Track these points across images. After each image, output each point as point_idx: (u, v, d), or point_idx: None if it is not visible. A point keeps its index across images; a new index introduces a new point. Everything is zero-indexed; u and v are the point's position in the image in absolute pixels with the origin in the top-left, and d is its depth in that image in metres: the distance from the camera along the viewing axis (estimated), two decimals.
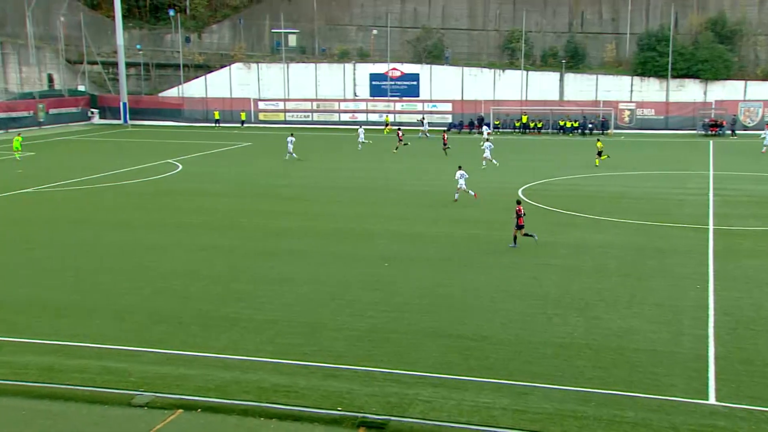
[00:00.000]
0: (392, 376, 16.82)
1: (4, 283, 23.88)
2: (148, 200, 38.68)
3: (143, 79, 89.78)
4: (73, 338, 19.05)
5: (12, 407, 15.39)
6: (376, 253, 27.59)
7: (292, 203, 37.70)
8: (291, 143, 53.48)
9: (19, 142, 53.85)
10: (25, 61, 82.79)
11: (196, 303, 21.94)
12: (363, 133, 62.04)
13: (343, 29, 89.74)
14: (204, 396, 15.82)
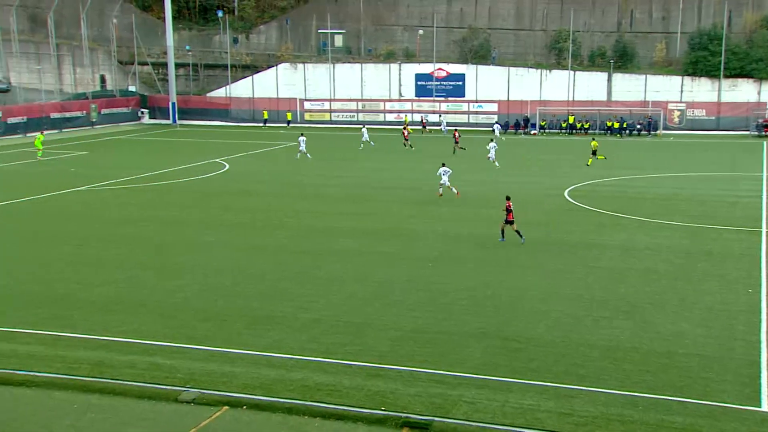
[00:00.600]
0: (436, 377, 16.78)
1: (59, 279, 24.41)
2: (196, 199, 39.19)
3: (192, 79, 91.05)
4: (122, 334, 19.40)
5: (65, 400, 15.73)
6: (421, 254, 27.56)
7: (339, 203, 37.86)
8: (303, 143, 54.09)
9: (40, 141, 55.06)
10: (79, 63, 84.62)
11: (242, 301, 22.17)
12: (366, 133, 62.23)
13: (390, 29, 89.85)
14: (249, 393, 15.96)
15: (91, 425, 14.45)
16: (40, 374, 16.87)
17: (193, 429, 14.53)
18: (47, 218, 34.25)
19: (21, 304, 21.88)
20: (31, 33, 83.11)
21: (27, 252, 28.05)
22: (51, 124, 74.13)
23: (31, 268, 25.83)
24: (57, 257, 27.23)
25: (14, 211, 35.81)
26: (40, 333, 19.46)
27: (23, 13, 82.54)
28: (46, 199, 38.98)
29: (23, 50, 79.44)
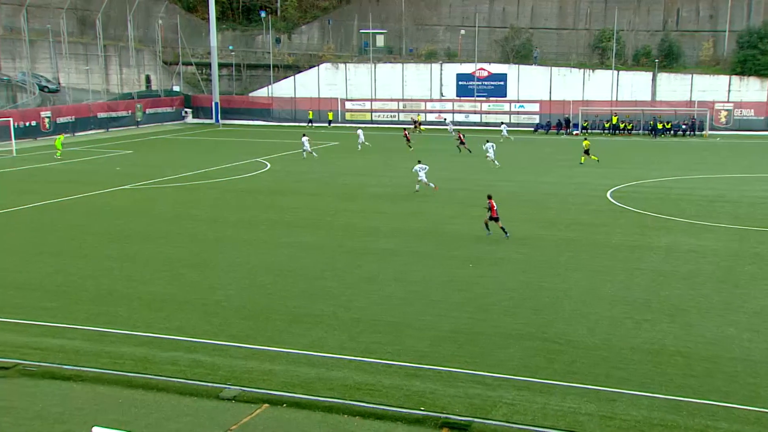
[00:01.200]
0: (476, 378, 16.72)
1: (105, 276, 24.85)
2: (238, 197, 39.57)
3: (234, 79, 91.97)
4: (165, 331, 19.67)
5: (110, 395, 16.01)
6: (462, 254, 27.48)
7: (380, 202, 37.93)
8: (307, 142, 54.54)
9: (60, 142, 56.38)
10: (126, 63, 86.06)
11: (283, 299, 22.33)
12: (362, 135, 62.20)
13: (431, 29, 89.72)
14: (289, 392, 16.07)
15: (135, 420, 14.68)
16: (87, 369, 17.20)
17: (234, 426, 14.68)
18: (94, 215, 34.88)
19: (70, 300, 22.32)
20: (80, 35, 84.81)
21: (75, 248, 28.60)
22: (98, 123, 75.50)
23: (80, 264, 26.33)
24: (103, 254, 27.72)
25: (63, 208, 36.54)
26: (87, 329, 19.83)
27: (73, 16, 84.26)
28: (94, 197, 39.69)
29: (72, 51, 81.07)
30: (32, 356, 17.93)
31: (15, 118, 63.22)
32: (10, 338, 19.14)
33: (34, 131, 66.01)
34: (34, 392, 16.11)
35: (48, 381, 16.68)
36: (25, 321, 20.36)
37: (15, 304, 21.79)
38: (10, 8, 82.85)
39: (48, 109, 71.15)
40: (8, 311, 21.10)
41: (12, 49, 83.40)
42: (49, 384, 16.54)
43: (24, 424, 14.70)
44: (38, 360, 17.71)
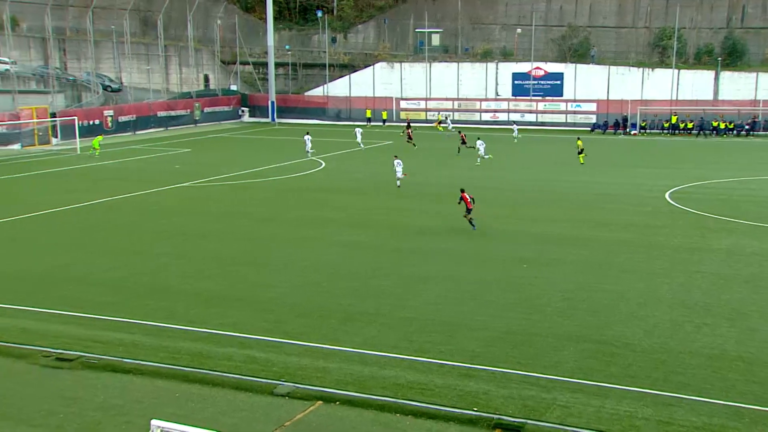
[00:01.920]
0: (529, 379, 16.59)
1: (163, 272, 25.36)
2: (293, 196, 39.94)
3: (290, 78, 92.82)
4: (221, 327, 19.97)
5: (167, 389, 16.34)
6: (515, 254, 27.27)
7: (432, 202, 37.86)
8: (309, 141, 55.24)
9: (98, 142, 58.08)
10: (185, 63, 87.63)
11: (336, 298, 22.47)
12: (360, 134, 62.23)
13: (487, 28, 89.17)
14: (342, 389, 16.17)
15: (192, 414, 14.95)
16: (146, 363, 17.58)
17: (287, 422, 14.83)
18: (152, 212, 35.60)
19: (129, 295, 22.83)
20: (142, 35, 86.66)
21: (134, 245, 29.23)
22: (157, 122, 77.01)
23: (138, 260, 26.91)
24: (161, 251, 28.27)
25: (123, 206, 37.38)
26: (145, 323, 20.26)
27: (135, 16, 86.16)
28: (152, 194, 40.52)
29: (134, 51, 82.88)
30: (94, 349, 18.41)
31: (79, 116, 64.92)
32: (74, 331, 19.68)
33: (97, 130, 67.62)
34: (95, 384, 16.53)
35: (109, 373, 17.10)
36: (88, 315, 20.90)
37: (78, 298, 22.39)
38: (77, 10, 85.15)
39: (110, 108, 72.85)
40: (72, 305, 21.68)
41: (77, 50, 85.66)
42: (110, 376, 16.96)
43: (87, 414, 15.11)
44: (100, 353, 18.17)
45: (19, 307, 21.58)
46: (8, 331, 19.62)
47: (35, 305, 21.68)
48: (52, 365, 17.56)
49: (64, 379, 16.85)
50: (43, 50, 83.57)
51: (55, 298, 22.39)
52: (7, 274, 25.14)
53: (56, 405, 15.50)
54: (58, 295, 22.71)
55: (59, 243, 29.61)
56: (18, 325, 20.16)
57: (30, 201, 38.10)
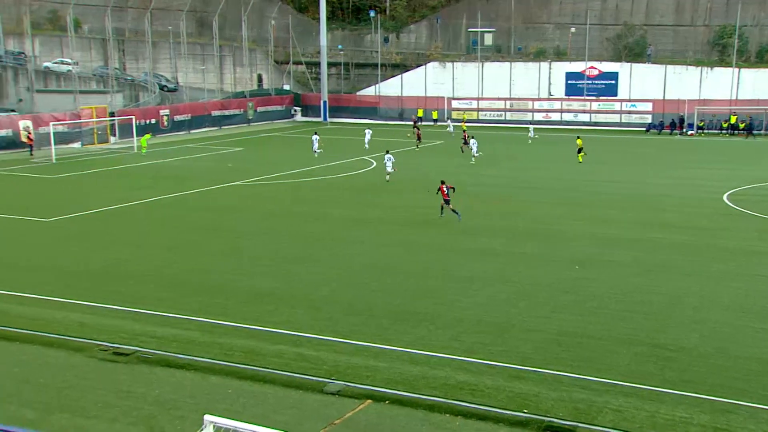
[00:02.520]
0: (581, 382, 16.37)
1: (216, 269, 25.69)
2: (343, 195, 40.12)
3: (343, 78, 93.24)
4: (272, 325, 20.15)
5: (220, 385, 16.55)
6: (568, 255, 26.95)
7: (486, 202, 37.64)
8: (316, 141, 55.20)
9: (146, 140, 59.58)
10: (239, 63, 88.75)
11: (387, 297, 22.49)
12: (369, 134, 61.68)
13: (541, 27, 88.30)
14: (392, 388, 16.18)
15: (244, 410, 15.11)
16: (199, 359, 17.84)
17: (337, 420, 14.90)
18: (205, 210, 36.11)
19: (183, 291, 23.20)
20: (197, 35, 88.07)
21: (187, 242, 29.70)
22: (211, 121, 78.11)
23: (192, 257, 27.32)
24: (214, 248, 28.65)
25: (177, 203, 38.02)
26: (199, 320, 20.56)
27: (191, 17, 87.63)
28: (205, 192, 41.10)
29: (190, 52, 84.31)
30: (149, 344, 18.75)
31: (137, 116, 66.21)
32: (130, 326, 20.07)
33: (153, 129, 68.89)
34: (150, 379, 16.84)
35: (163, 368, 17.39)
36: (143, 310, 21.30)
37: (133, 294, 22.83)
38: (136, 12, 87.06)
39: (167, 108, 74.13)
40: (128, 301, 22.12)
41: (136, 51, 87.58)
42: (164, 371, 17.25)
43: (142, 408, 15.39)
44: (155, 348, 18.50)
45: (77, 301, 22.10)
46: (67, 325, 20.11)
47: (93, 300, 22.17)
48: (108, 359, 17.94)
49: (120, 372, 17.20)
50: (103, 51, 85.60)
51: (112, 293, 22.87)
52: (67, 269, 25.78)
53: (112, 398, 15.83)
54: (115, 290, 23.20)
55: (117, 239, 30.24)
56: (76, 319, 20.65)
57: (89, 198, 39.00)
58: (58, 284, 23.81)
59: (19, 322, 20.35)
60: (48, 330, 19.72)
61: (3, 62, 75.37)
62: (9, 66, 75.67)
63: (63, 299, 22.30)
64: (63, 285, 23.74)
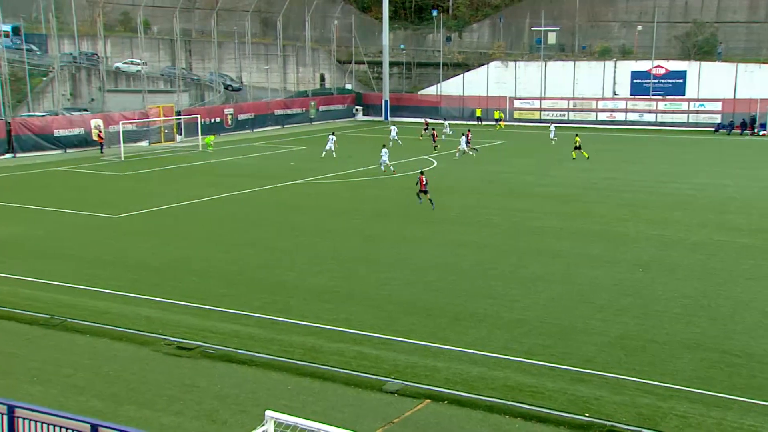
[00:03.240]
0: (645, 386, 16.08)
1: (278, 267, 26.04)
2: (405, 194, 40.13)
3: (404, 77, 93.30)
4: (332, 323, 20.32)
5: (280, 381, 16.78)
6: (631, 257, 26.49)
7: (546, 202, 37.25)
8: (332, 141, 55.19)
9: (211, 141, 60.61)
10: (302, 62, 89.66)
11: (446, 297, 22.46)
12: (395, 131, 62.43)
13: (606, 26, 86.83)
14: (451, 389, 16.16)
15: (304, 407, 15.29)
16: (260, 355, 18.11)
17: (396, 419, 14.95)
18: (267, 208, 36.61)
19: (245, 288, 23.58)
20: (262, 36, 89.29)
21: (249, 239, 30.14)
22: (274, 120, 79.06)
23: (253, 254, 27.72)
24: (277, 245, 29.03)
25: (240, 201, 38.62)
26: (260, 316, 20.87)
27: (256, 18, 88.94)
28: (268, 190, 41.65)
29: (254, 52, 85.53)
30: (212, 339, 19.11)
31: (202, 115, 67.45)
32: (194, 322, 20.50)
33: (217, 128, 70.08)
34: (213, 373, 17.17)
35: (225, 364, 17.72)
36: (206, 306, 21.72)
37: (198, 290, 23.30)
38: (203, 13, 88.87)
39: (231, 107, 75.31)
40: (191, 296, 22.59)
41: (202, 51, 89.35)
42: (226, 366, 17.57)
43: (205, 402, 15.71)
44: (217, 343, 18.86)
45: (144, 296, 22.66)
46: (134, 319, 20.65)
47: (158, 295, 22.71)
48: (173, 353, 18.36)
49: (184, 367, 17.58)
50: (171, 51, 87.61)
51: (177, 289, 23.39)
52: (134, 264, 26.45)
53: (177, 391, 16.20)
54: (179, 286, 23.71)
55: (182, 236, 30.90)
56: (142, 313, 21.18)
57: (155, 196, 39.93)
58: (126, 279, 24.46)
59: (90, 315, 20.99)
60: (117, 324, 20.29)
61: (77, 63, 77.81)
62: (83, 67, 78.07)
63: (130, 294, 22.90)
64: (130, 280, 24.37)
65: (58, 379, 16.87)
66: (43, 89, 73.30)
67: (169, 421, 14.88)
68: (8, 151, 55.69)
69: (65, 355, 18.28)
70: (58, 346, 18.95)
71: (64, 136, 59.28)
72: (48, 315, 20.99)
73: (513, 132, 73.91)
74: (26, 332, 19.91)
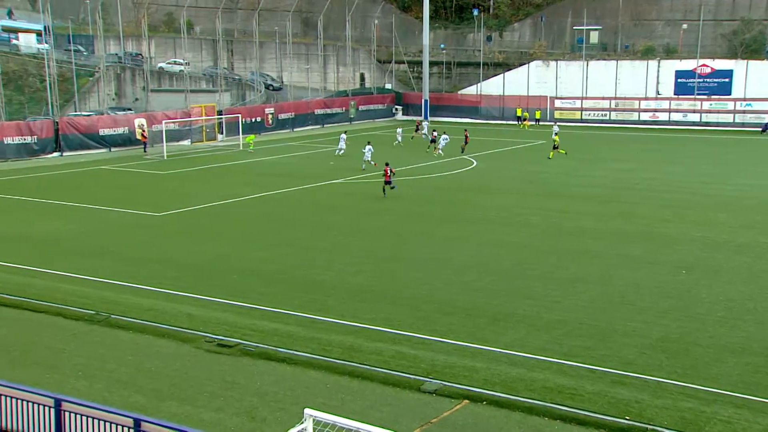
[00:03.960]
0: (687, 390, 15.86)
1: (316, 266, 26.18)
2: (444, 194, 40.10)
3: (444, 77, 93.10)
4: (371, 322, 20.38)
5: (319, 380, 16.89)
6: (674, 259, 26.12)
7: (585, 203, 36.90)
8: (343, 140, 55.77)
9: (251, 140, 61.15)
10: (342, 62, 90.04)
11: (485, 297, 22.38)
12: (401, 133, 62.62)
13: (650, 24, 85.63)
14: (490, 389, 16.10)
15: (341, 405, 15.36)
16: (299, 353, 18.23)
17: (434, 419, 14.95)
18: (306, 207, 36.81)
19: (285, 287, 23.75)
20: (303, 35, 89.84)
21: (291, 238, 30.34)
22: (314, 120, 79.48)
23: (292, 253, 27.91)
24: (313, 245, 29.18)
25: (281, 200, 38.92)
26: (299, 315, 21.01)
27: (297, 18, 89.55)
28: (308, 189, 41.88)
29: (295, 51, 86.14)
30: (252, 337, 19.30)
31: (243, 114, 68.07)
32: (233, 319, 20.72)
33: (258, 127, 70.65)
34: (252, 371, 17.34)
35: (264, 361, 17.88)
36: (246, 304, 21.92)
37: (237, 288, 23.53)
38: (244, 13, 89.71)
39: (271, 106, 75.89)
40: (231, 294, 22.83)
41: (243, 51, 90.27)
42: (265, 364, 17.73)
43: (245, 399, 15.88)
44: (257, 341, 19.03)
45: (185, 293, 22.96)
46: (175, 317, 20.94)
47: (199, 293, 22.99)
48: (213, 350, 18.58)
49: (224, 364, 17.78)
50: (213, 51, 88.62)
51: (217, 286, 23.65)
52: (176, 262, 26.82)
53: (217, 388, 16.40)
54: (220, 284, 23.97)
55: (222, 234, 31.24)
56: (184, 310, 21.47)
57: (197, 194, 40.41)
58: (168, 276, 24.81)
59: (133, 312, 21.34)
60: (159, 320, 20.59)
61: (122, 63, 79.11)
62: (128, 67, 79.34)
63: (172, 291, 23.22)
64: (172, 277, 24.71)
65: (102, 374, 17.19)
66: (90, 89, 74.66)
67: (210, 417, 15.07)
68: (56, 150, 56.85)
69: (109, 351, 18.62)
70: (102, 341, 19.31)
71: (109, 135, 60.29)
72: (93, 311, 21.39)
73: (549, 132, 73.23)
74: (73, 328, 20.32)
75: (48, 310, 21.57)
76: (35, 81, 71.13)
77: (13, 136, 54.66)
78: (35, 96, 69.88)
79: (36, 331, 20.11)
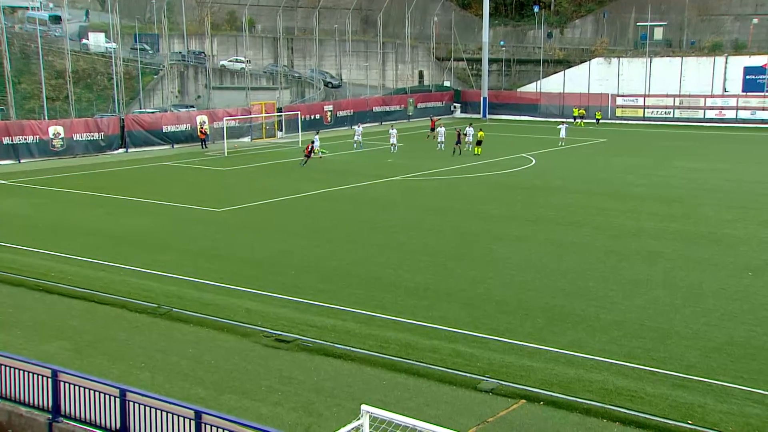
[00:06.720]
0: (754, 396, 15.46)
1: (374, 263, 26.29)
2: (502, 192, 39.82)
3: (503, 74, 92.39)
4: (428, 320, 20.38)
5: (375, 376, 16.97)
6: (740, 261, 25.47)
7: (647, 202, 36.22)
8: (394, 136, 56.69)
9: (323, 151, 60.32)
10: (401, 59, 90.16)
11: (543, 296, 22.17)
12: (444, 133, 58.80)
13: (717, 19, 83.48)
14: (547, 390, 15.97)
15: (398, 402, 15.41)
16: (356, 350, 18.35)
17: (490, 418, 14.89)
18: (364, 204, 36.99)
19: (342, 283, 23.89)
20: (362, 33, 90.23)
21: (346, 235, 30.53)
22: (373, 117, 79.74)
23: (350, 250, 28.07)
24: (371, 242, 29.30)
25: (340, 196, 39.18)
26: (356, 311, 21.13)
27: (356, 16, 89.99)
28: (367, 186, 42.04)
29: (354, 49, 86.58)
30: (309, 333, 19.49)
31: (302, 111, 68.70)
32: (291, 314, 20.95)
33: (317, 124, 71.20)
34: (310, 366, 17.52)
35: (322, 357, 18.04)
36: (304, 300, 22.15)
37: (296, 284, 23.78)
38: (305, 11, 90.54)
39: (330, 104, 76.41)
40: (289, 290, 23.08)
41: (303, 48, 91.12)
42: (322, 360, 17.89)
43: (302, 394, 16.06)
44: (314, 337, 19.22)
45: (244, 288, 23.31)
46: (235, 311, 21.28)
47: (258, 288, 23.31)
48: (272, 345, 18.82)
49: (282, 359, 18.00)
50: (273, 49, 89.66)
51: (275, 282, 23.94)
52: (236, 257, 27.24)
53: (275, 383, 16.62)
54: (278, 279, 24.26)
55: (281, 230, 31.61)
56: (243, 305, 21.80)
57: (256, 190, 40.97)
58: (228, 271, 25.21)
59: (194, 306, 21.76)
60: (219, 315, 20.95)
61: (186, 61, 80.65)
62: (191, 65, 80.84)
63: (232, 286, 23.60)
64: (232, 272, 25.11)
65: (164, 366, 17.58)
66: (154, 87, 76.32)
67: (268, 411, 15.28)
68: (121, 146, 58.31)
69: (171, 344, 19.03)
70: (164, 334, 19.74)
71: (172, 132, 61.55)
72: (156, 304, 21.89)
73: (613, 130, 72.10)
74: (136, 320, 20.84)
75: (114, 303, 22.16)
76: (103, 79, 73.01)
77: (82, 133, 56.27)
78: (103, 94, 71.74)
79: (103, 323, 20.68)
